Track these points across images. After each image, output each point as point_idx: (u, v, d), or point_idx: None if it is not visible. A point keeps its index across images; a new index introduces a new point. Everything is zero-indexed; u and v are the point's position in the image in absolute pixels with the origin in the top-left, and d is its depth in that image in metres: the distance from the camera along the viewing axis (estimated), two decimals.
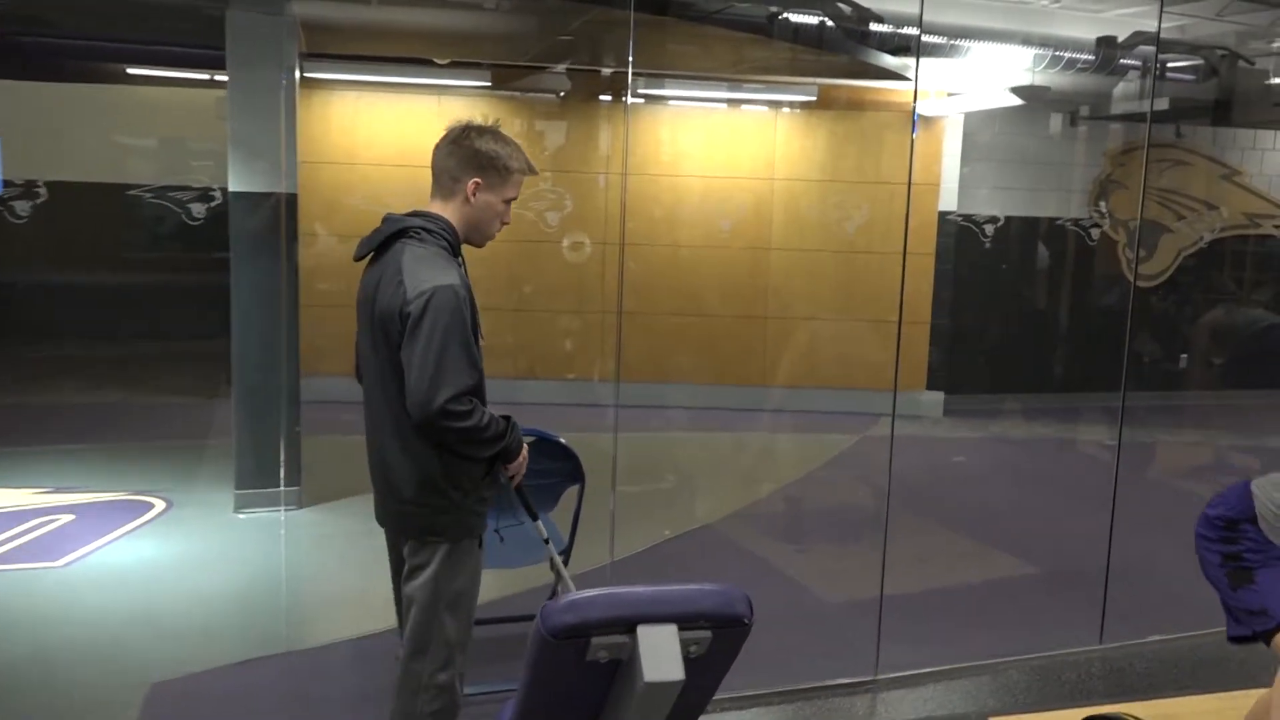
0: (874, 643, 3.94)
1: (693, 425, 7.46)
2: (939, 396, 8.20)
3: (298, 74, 5.18)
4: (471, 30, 6.61)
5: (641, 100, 7.67)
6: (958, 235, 8.22)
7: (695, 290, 7.88)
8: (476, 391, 2.41)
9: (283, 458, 5.02)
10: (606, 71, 7.62)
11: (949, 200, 8.15)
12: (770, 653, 4.01)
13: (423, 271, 2.38)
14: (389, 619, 2.99)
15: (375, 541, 2.78)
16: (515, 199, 2.57)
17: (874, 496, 4.61)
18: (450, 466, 2.46)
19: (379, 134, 7.48)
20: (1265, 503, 2.61)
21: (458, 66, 7.39)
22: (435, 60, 7.30)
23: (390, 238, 2.50)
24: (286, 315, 5.07)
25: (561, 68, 7.56)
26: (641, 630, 1.62)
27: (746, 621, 1.72)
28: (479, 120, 2.58)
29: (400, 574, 2.62)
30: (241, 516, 5.15)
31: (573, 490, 3.83)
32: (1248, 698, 3.81)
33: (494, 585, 4.20)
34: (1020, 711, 3.59)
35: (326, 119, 7.42)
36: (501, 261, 7.45)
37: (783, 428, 7.90)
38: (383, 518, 2.64)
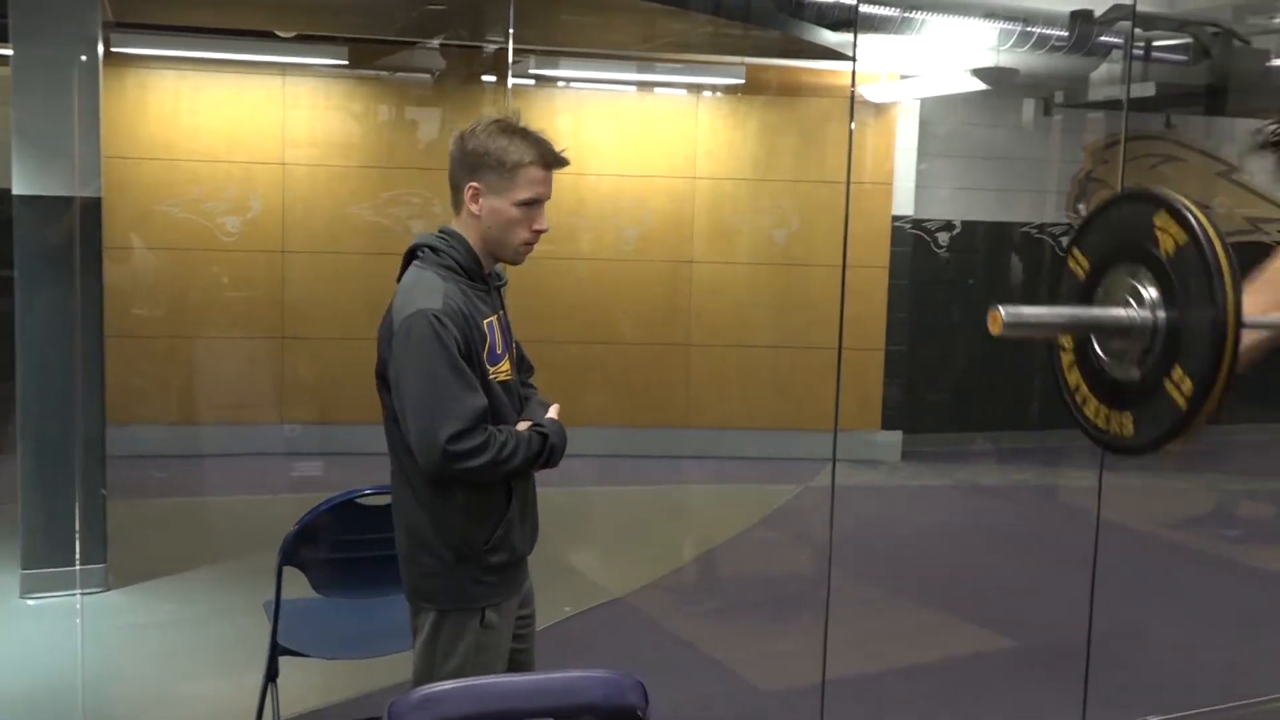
0: None
1: (601, 477, 7.47)
2: (896, 437, 8.35)
3: (101, 49, 5.09)
4: None
5: (532, 82, 7.71)
6: (913, 245, 8.41)
7: (602, 313, 7.93)
8: (484, 419, 2.48)
9: (79, 529, 4.90)
10: (490, 48, 7.65)
11: (904, 203, 8.34)
12: None
13: (401, 302, 2.52)
14: None
15: (198, 631, 2.75)
16: (539, 199, 2.58)
17: (817, 560, 4.68)
18: (446, 522, 2.56)
19: (208, 123, 7.40)
20: None
21: (307, 41, 7.37)
22: (278, 33, 7.26)
23: (406, 260, 2.64)
24: (87, 350, 4.96)
25: (435, 43, 7.58)
26: None
27: (640, 713, 1.74)
28: (499, 114, 2.61)
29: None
30: (30, 602, 5.00)
31: None
32: None
33: (344, 680, 4.16)
34: None
35: (141, 105, 7.32)
36: (360, 281, 7.41)
37: (710, 478, 7.96)
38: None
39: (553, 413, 2.73)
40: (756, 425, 8.08)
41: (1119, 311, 2.21)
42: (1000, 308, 2.10)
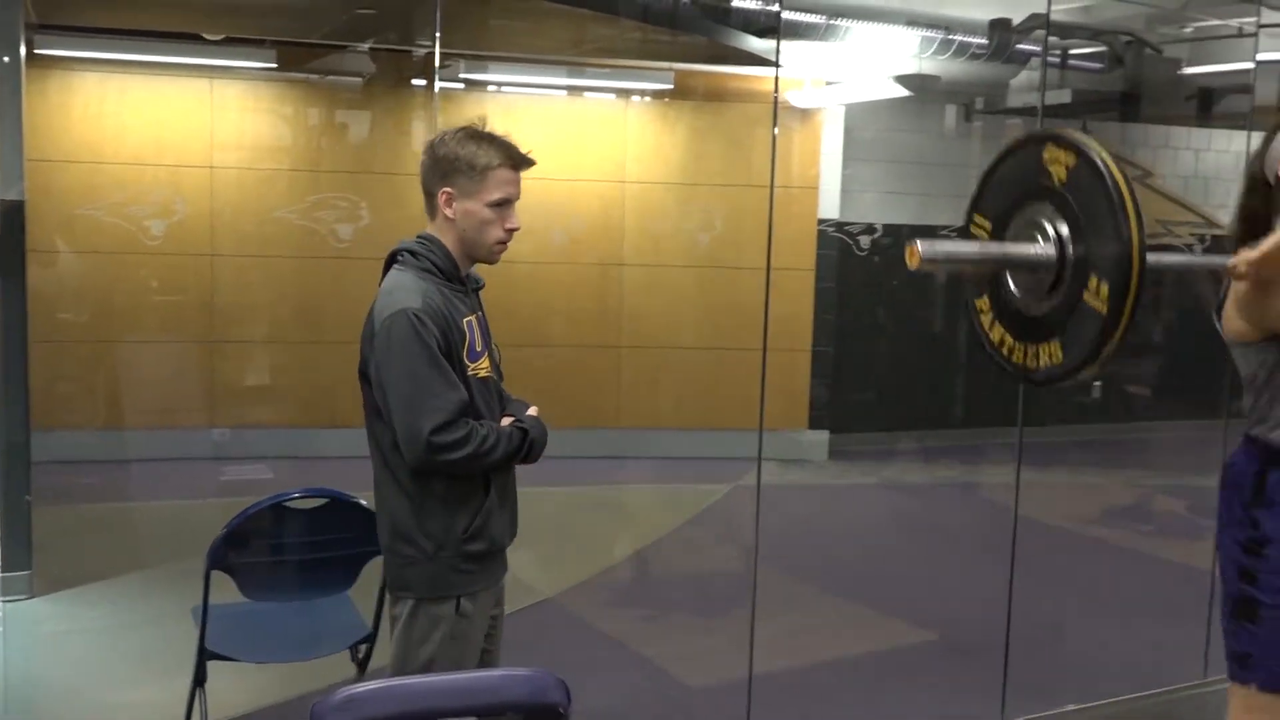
0: None
1: (532, 478, 7.42)
2: (824, 436, 8.43)
3: (24, 51, 5.01)
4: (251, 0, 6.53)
5: (461, 86, 7.69)
6: (839, 248, 8.50)
7: (534, 316, 7.91)
8: (465, 412, 2.59)
9: (2, 536, 4.81)
10: (420, 52, 7.62)
11: (830, 207, 8.43)
12: None
13: (382, 303, 2.62)
14: None
15: (125, 637, 2.72)
16: (510, 198, 2.69)
17: (746, 558, 4.72)
18: (420, 512, 2.64)
19: (134, 126, 7.29)
20: None
21: (234, 44, 7.28)
22: (206, 35, 7.17)
23: (388, 264, 2.73)
24: (11, 354, 4.89)
25: (364, 47, 7.53)
26: None
27: (562, 711, 1.76)
28: (468, 122, 2.71)
29: None
30: None
31: (376, 562, 3.79)
32: None
33: (273, 684, 4.12)
34: None
35: (65, 107, 7.19)
36: (289, 285, 7.34)
37: (642, 478, 7.99)
38: None
39: (532, 412, 2.83)
40: (686, 425, 8.12)
41: (1028, 245, 2.29)
42: (918, 241, 2.16)
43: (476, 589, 2.72)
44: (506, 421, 2.73)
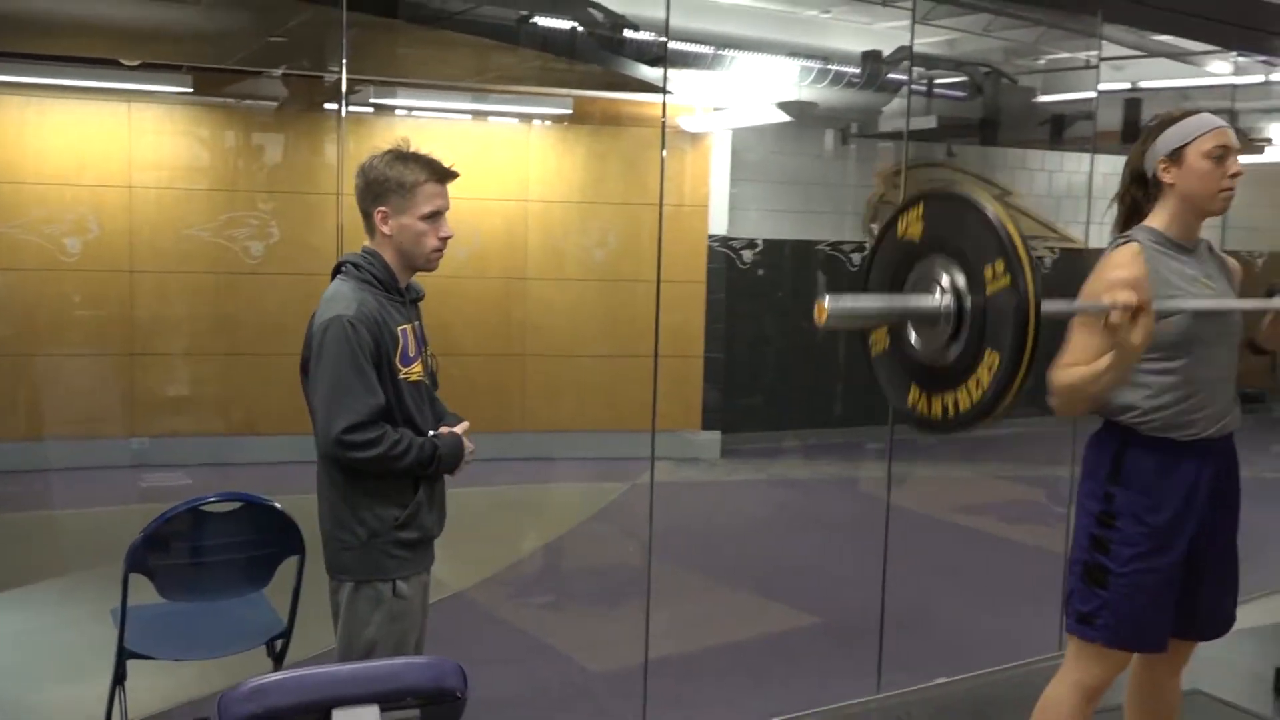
0: (640, 713, 4.04)
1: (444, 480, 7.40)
2: (715, 436, 8.50)
3: None
4: (165, 27, 6.39)
5: (370, 110, 7.62)
6: (726, 262, 8.59)
7: (442, 326, 7.80)
8: (382, 417, 2.63)
9: None
10: (330, 78, 7.53)
11: (719, 223, 8.51)
12: None
13: (321, 310, 2.66)
14: None
15: (46, 641, 2.65)
16: (440, 210, 2.74)
17: (643, 551, 4.75)
18: (355, 502, 2.68)
19: (54, 148, 7.09)
20: None
21: (151, 69, 7.13)
22: (123, 61, 7.00)
23: (334, 274, 2.77)
24: None
25: (277, 73, 7.42)
26: (337, 715, 1.62)
27: (459, 695, 1.75)
28: (393, 144, 2.75)
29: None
30: None
31: (291, 562, 3.74)
32: None
33: (192, 681, 4.04)
34: None
35: None
36: (206, 299, 7.20)
37: (547, 478, 7.97)
38: None
39: (459, 428, 2.88)
40: (588, 428, 8.12)
41: (925, 298, 2.29)
42: (826, 298, 2.17)
43: (410, 573, 2.76)
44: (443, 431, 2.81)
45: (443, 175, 2.75)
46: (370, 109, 7.64)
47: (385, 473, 2.67)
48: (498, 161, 8.06)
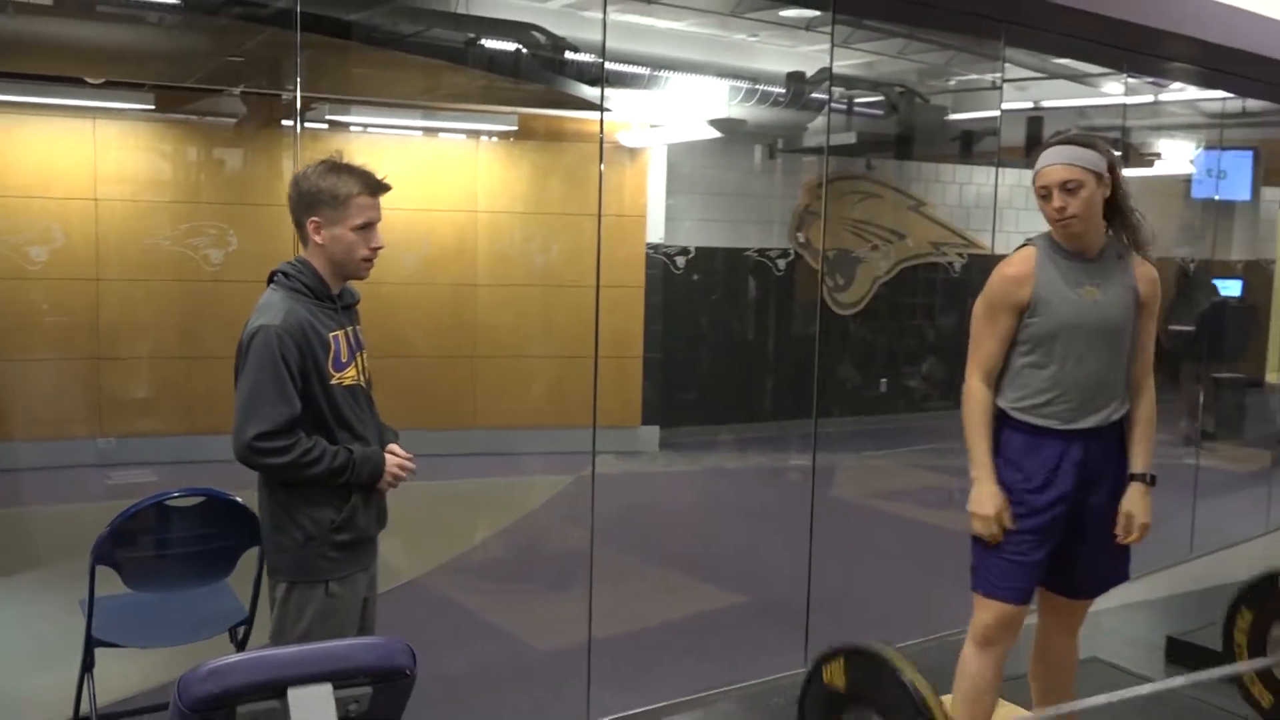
0: (584, 689, 4.05)
1: None
2: (654, 431, 8.52)
3: None
4: (128, 47, 6.29)
5: (325, 126, 7.55)
6: (663, 268, 8.62)
7: (397, 330, 7.81)
8: (294, 426, 2.54)
9: None
10: (287, 96, 7.46)
11: (657, 232, 8.54)
12: (481, 709, 4.04)
13: (251, 319, 2.59)
14: None
15: (17, 632, 2.61)
16: (371, 221, 2.67)
17: (587, 538, 4.77)
18: (290, 507, 2.62)
19: (21, 162, 6.94)
20: None
21: (115, 87, 7.00)
22: (88, 79, 6.88)
23: (269, 282, 2.69)
24: None
25: (236, 91, 7.33)
26: (292, 692, 1.62)
27: (409, 673, 1.75)
28: (326, 156, 2.69)
29: None
30: None
31: (252, 553, 3.70)
32: (944, 702, 4.21)
33: (157, 667, 3.98)
34: None
35: None
36: (169, 306, 7.09)
37: (496, 472, 7.95)
38: None
39: (392, 446, 2.82)
40: (535, 424, 8.10)
41: None
42: None
43: (344, 574, 2.70)
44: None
45: (375, 188, 2.68)
46: (325, 125, 7.57)
47: (298, 480, 2.60)
48: (448, 175, 8.02)
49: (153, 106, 7.14)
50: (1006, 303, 2.98)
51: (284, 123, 7.60)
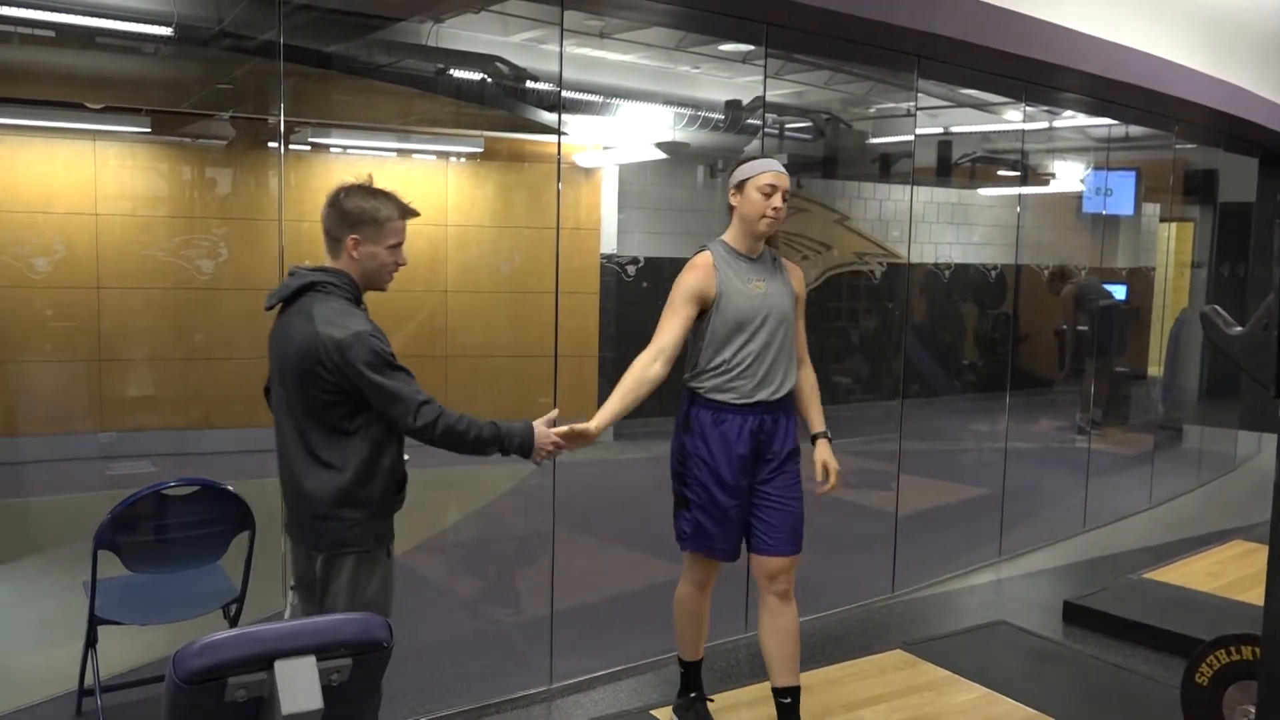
0: (548, 656, 4.05)
1: None
2: None
3: None
4: (126, 75, 6.18)
5: (308, 148, 7.46)
6: (615, 276, 8.63)
7: None
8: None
9: None
10: (272, 120, 7.36)
11: (610, 244, 8.54)
12: (453, 675, 4.02)
13: (332, 329, 2.51)
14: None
15: (24, 613, 2.53)
16: (401, 242, 2.70)
17: (548, 519, 4.76)
18: (363, 482, 2.58)
19: (26, 180, 6.79)
20: None
21: (114, 111, 6.88)
22: (88, 104, 6.74)
23: (299, 290, 2.60)
24: None
25: (225, 115, 7.22)
26: (279, 664, 1.60)
27: (386, 645, 1.74)
28: (355, 180, 2.68)
29: (301, 582, 2.70)
30: None
31: (243, 537, 3.66)
32: (867, 664, 4.27)
33: (156, 644, 3.92)
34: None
35: None
36: (166, 311, 6.96)
37: (466, 459, 7.89)
38: (293, 530, 2.70)
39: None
40: (501, 417, 8.07)
41: None
42: None
43: (392, 540, 2.73)
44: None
45: (406, 213, 2.72)
46: (307, 147, 7.49)
47: (458, 441, 2.67)
48: (420, 192, 7.87)
49: (149, 129, 7.02)
50: (694, 296, 3.19)
51: (270, 145, 7.52)
